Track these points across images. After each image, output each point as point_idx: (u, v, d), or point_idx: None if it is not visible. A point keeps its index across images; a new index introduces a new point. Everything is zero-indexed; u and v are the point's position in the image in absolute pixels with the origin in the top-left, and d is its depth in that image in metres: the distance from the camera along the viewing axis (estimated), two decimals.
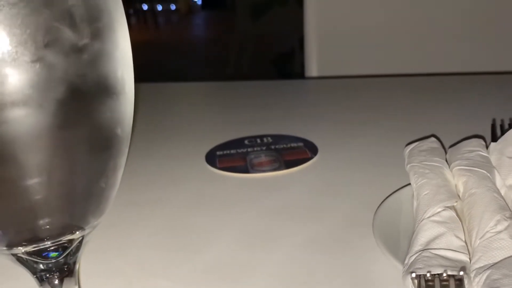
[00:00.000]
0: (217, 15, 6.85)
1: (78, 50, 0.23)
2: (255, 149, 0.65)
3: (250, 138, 0.69)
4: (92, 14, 0.24)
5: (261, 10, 3.52)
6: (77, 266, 0.29)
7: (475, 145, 0.49)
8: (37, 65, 0.22)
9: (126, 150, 0.28)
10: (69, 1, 0.23)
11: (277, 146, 0.65)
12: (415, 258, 0.34)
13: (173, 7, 8.58)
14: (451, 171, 0.47)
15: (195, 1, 8.61)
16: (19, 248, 0.26)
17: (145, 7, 7.24)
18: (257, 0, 3.56)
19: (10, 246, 0.26)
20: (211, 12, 7.68)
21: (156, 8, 7.74)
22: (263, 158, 0.62)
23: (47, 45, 0.22)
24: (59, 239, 0.26)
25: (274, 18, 3.45)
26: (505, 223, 0.36)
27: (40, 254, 0.27)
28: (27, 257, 0.26)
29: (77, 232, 0.27)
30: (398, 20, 1.29)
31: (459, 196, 0.43)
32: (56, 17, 0.22)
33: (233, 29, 3.84)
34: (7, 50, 0.21)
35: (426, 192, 0.42)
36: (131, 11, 6.79)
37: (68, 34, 0.23)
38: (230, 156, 0.63)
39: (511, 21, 1.25)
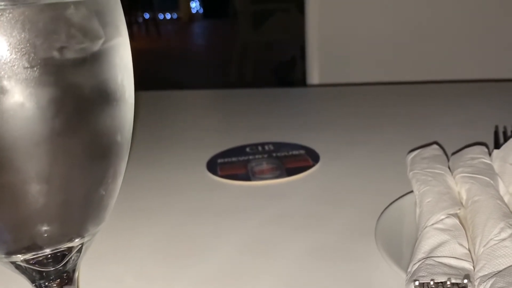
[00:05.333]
0: (219, 23, 6.87)
1: (78, 55, 0.23)
2: (257, 156, 0.65)
3: (251, 145, 0.69)
4: (92, 20, 0.24)
5: (263, 19, 3.53)
6: (76, 274, 0.29)
7: (477, 152, 0.49)
8: (36, 71, 0.22)
9: (126, 157, 0.28)
10: (70, 7, 0.23)
11: (278, 154, 0.65)
12: (418, 266, 0.34)
13: (174, 15, 8.62)
14: (453, 178, 0.46)
15: (197, 10, 8.65)
16: (17, 255, 0.26)
17: (146, 15, 7.27)
18: (259, 8, 3.57)
19: (8, 253, 0.26)
20: (212, 20, 7.71)
21: (158, 16, 7.77)
22: (264, 165, 0.62)
23: (46, 51, 0.22)
24: (58, 247, 0.26)
25: (276, 26, 3.46)
26: (509, 231, 0.36)
27: (39, 262, 0.26)
28: (26, 265, 0.26)
29: (77, 240, 0.27)
30: (400, 27, 1.29)
31: (462, 203, 0.43)
32: (57, 23, 0.22)
33: (235, 37, 3.85)
34: (6, 55, 0.21)
35: (429, 200, 0.42)
36: (133, 20, 6.82)
37: (68, 39, 0.23)
38: (231, 164, 0.63)
39: None
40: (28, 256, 0.26)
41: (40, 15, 0.22)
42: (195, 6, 8.73)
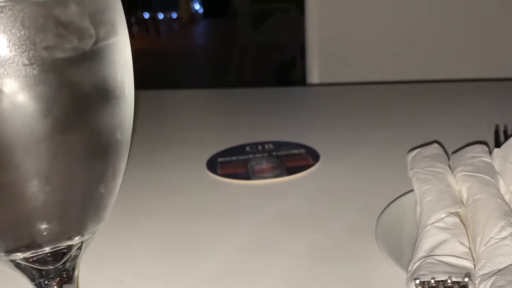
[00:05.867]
0: (219, 23, 6.87)
1: (77, 53, 0.23)
2: (257, 155, 0.65)
3: (251, 144, 0.69)
4: (92, 18, 0.24)
5: (263, 18, 3.54)
6: (76, 272, 0.29)
7: (478, 151, 0.49)
8: (36, 68, 0.22)
9: (126, 155, 0.28)
10: (70, 5, 0.23)
11: (278, 153, 0.65)
12: (419, 264, 0.34)
13: (174, 15, 8.62)
14: (454, 177, 0.46)
15: (197, 10, 8.65)
16: (17, 254, 0.26)
17: (146, 15, 7.26)
18: (259, 8, 3.57)
19: (8, 252, 0.25)
20: (212, 20, 7.71)
21: (158, 16, 7.76)
22: (264, 164, 0.62)
23: (46, 48, 0.22)
24: (58, 245, 0.26)
25: (276, 26, 3.46)
26: (510, 229, 0.36)
27: (39, 260, 0.26)
28: (26, 263, 0.26)
29: (76, 238, 0.27)
30: (400, 26, 1.29)
31: (462, 202, 0.43)
32: (56, 20, 0.22)
33: (235, 37, 3.85)
34: (5, 52, 0.21)
35: (429, 198, 0.42)
36: (133, 19, 6.81)
37: (67, 37, 0.23)
38: (231, 163, 0.63)
39: None
40: (28, 254, 0.26)
41: (40, 12, 0.22)
42: (195, 5, 8.73)
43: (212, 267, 0.42)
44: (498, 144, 0.57)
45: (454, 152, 0.52)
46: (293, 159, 0.63)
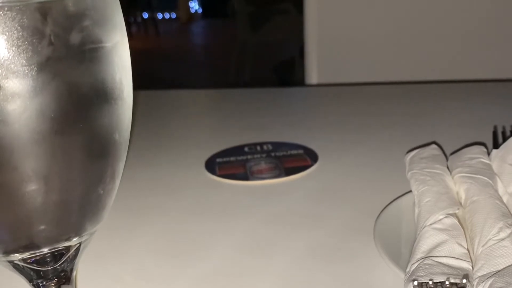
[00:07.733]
0: (218, 23, 6.87)
1: (76, 54, 0.23)
2: (255, 156, 0.65)
3: (250, 145, 0.69)
4: (91, 18, 0.24)
5: (262, 19, 3.53)
6: (74, 273, 0.29)
7: (476, 152, 0.49)
8: (34, 69, 0.22)
9: (124, 156, 0.28)
10: (68, 5, 0.23)
11: (277, 153, 0.65)
12: (417, 266, 0.34)
13: (173, 15, 8.62)
14: (452, 178, 0.46)
15: (196, 10, 8.65)
16: (15, 255, 0.26)
17: (145, 15, 7.26)
18: (258, 8, 3.57)
19: (6, 253, 0.25)
20: (211, 20, 7.70)
21: (157, 16, 7.76)
22: (263, 165, 0.62)
23: (44, 49, 0.22)
24: (56, 246, 0.26)
25: (275, 27, 3.46)
26: (508, 231, 0.36)
27: (37, 261, 0.26)
28: (24, 264, 0.26)
29: (75, 239, 0.27)
30: (399, 27, 1.29)
31: (460, 203, 0.43)
32: (54, 21, 0.22)
33: (234, 37, 3.85)
34: (3, 53, 0.21)
35: (427, 199, 0.42)
36: (132, 19, 6.81)
37: (66, 38, 0.23)
38: (230, 164, 0.63)
39: None
40: (26, 255, 0.26)
41: (39, 13, 0.22)
42: (194, 5, 8.72)
43: (211, 267, 0.42)
44: (496, 145, 0.58)
45: (452, 153, 0.52)
46: (291, 159, 0.63)
